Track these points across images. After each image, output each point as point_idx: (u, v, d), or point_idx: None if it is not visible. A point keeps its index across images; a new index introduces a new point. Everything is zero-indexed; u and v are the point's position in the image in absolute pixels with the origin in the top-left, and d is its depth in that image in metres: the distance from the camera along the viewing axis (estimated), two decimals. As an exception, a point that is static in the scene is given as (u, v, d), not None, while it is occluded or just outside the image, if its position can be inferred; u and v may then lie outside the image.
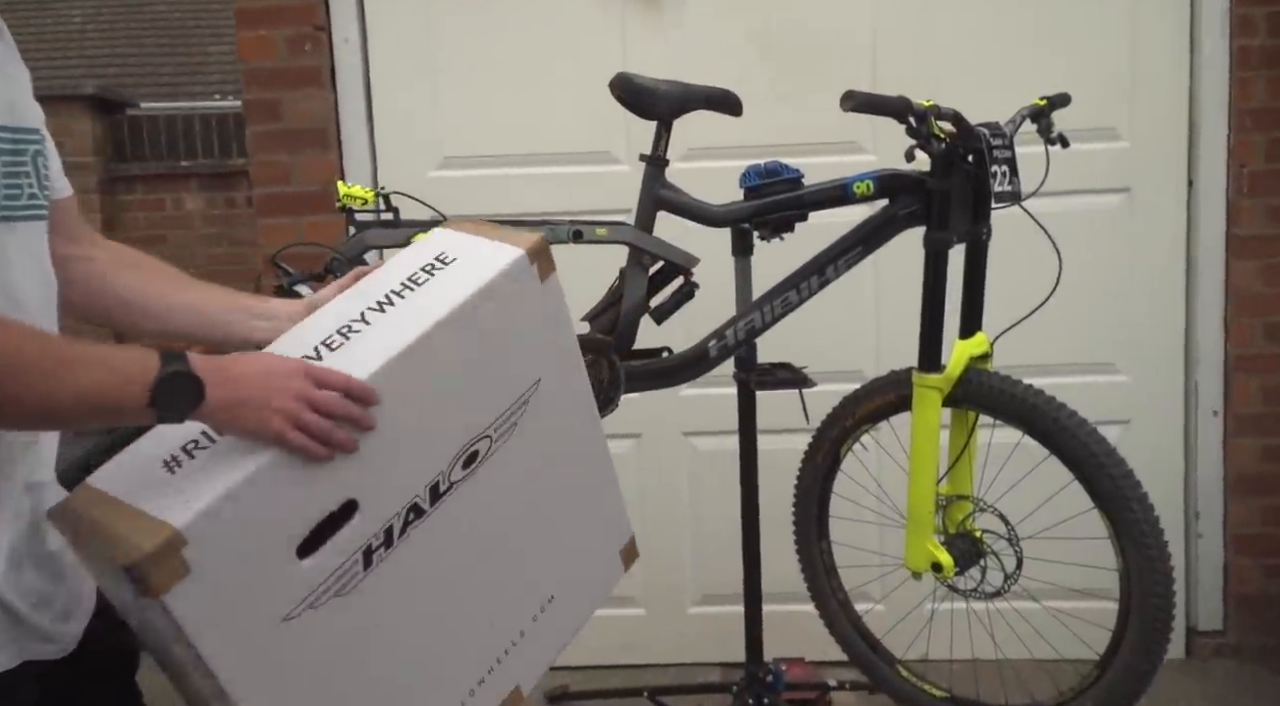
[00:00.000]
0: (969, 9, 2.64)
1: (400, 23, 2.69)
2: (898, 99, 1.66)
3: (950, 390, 1.79)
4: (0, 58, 1.02)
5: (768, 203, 1.79)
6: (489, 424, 1.11)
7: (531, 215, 2.65)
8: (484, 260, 1.12)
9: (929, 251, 1.76)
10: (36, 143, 1.05)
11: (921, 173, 1.76)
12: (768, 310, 1.82)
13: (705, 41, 2.67)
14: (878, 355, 2.76)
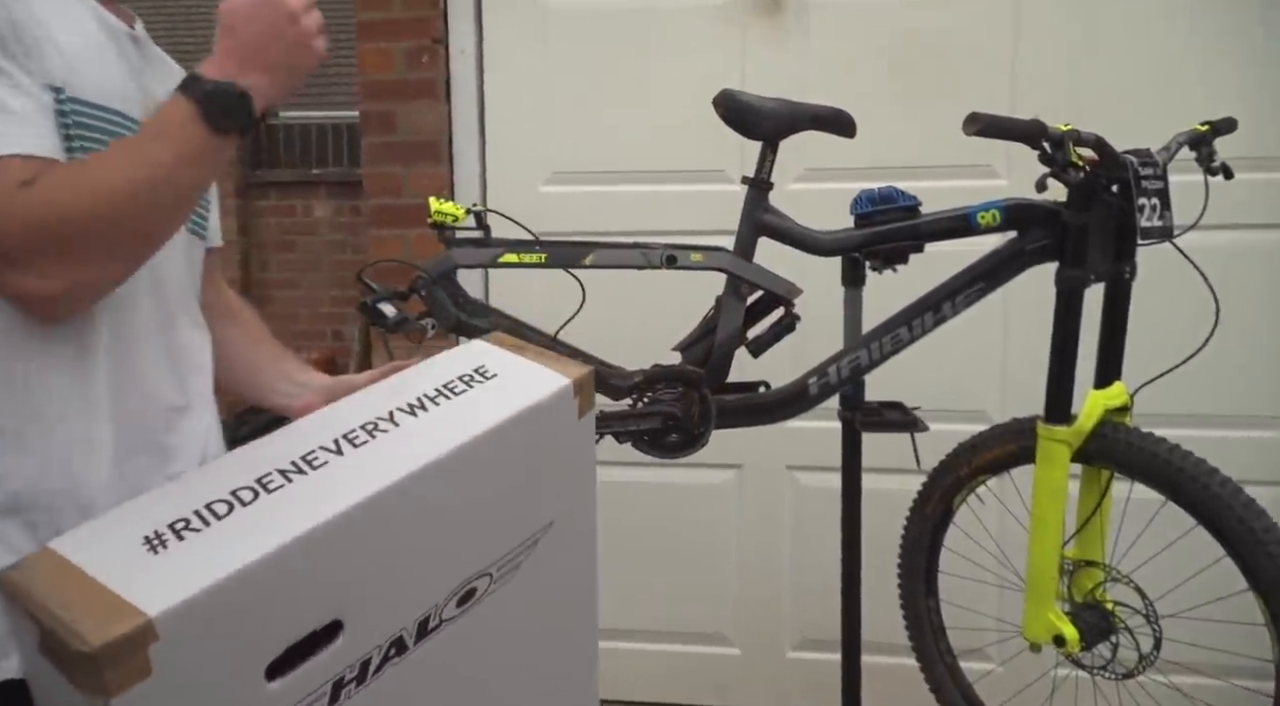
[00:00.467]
0: (1125, 24, 2.41)
1: (516, 35, 2.66)
2: (1030, 122, 1.49)
3: (1081, 445, 1.61)
4: (148, 73, 1.07)
5: (880, 232, 1.64)
6: (494, 561, 1.01)
7: (639, 233, 2.60)
8: (526, 384, 1.04)
9: (1061, 290, 1.58)
10: None
11: (1057, 203, 1.59)
12: (875, 348, 1.68)
13: (830, 55, 2.54)
14: (1004, 397, 2.56)
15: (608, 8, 2.62)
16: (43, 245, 0.86)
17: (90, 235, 0.87)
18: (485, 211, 1.73)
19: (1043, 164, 1.51)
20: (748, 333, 1.73)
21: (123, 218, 0.87)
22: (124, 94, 1.01)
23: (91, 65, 0.97)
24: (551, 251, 1.66)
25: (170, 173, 0.88)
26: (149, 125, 0.92)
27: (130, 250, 0.92)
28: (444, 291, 1.67)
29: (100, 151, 0.92)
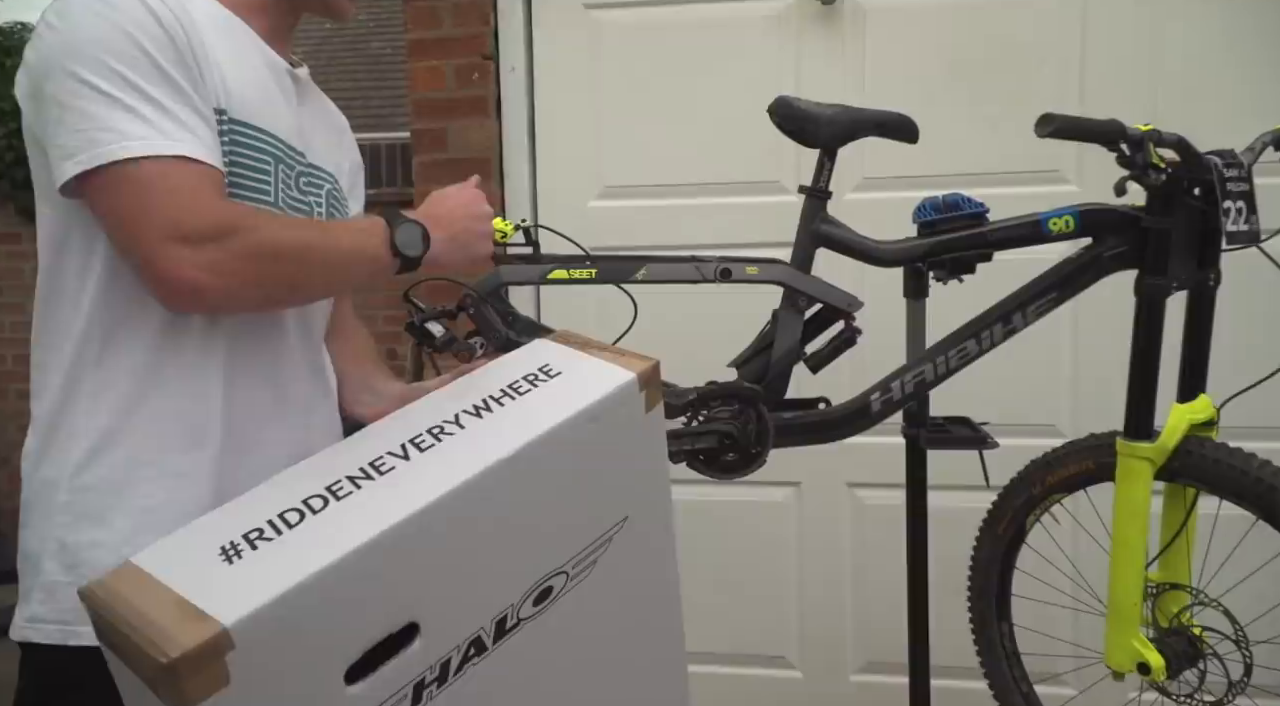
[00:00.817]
0: (1195, 21, 2.31)
1: (567, 51, 2.64)
2: (1108, 123, 1.42)
3: (1165, 462, 1.52)
4: (305, 109, 1.18)
5: (945, 240, 1.57)
6: (568, 559, 1.00)
7: (692, 247, 2.55)
8: (590, 379, 1.04)
9: (1142, 300, 1.50)
10: (333, 186, 1.20)
11: (1134, 208, 1.51)
12: (941, 362, 1.60)
13: (887, 61, 2.47)
14: (1075, 409, 2.45)
15: (658, 21, 2.59)
16: (226, 244, 0.94)
17: (262, 258, 0.97)
18: (535, 227, 1.70)
19: (1121, 166, 1.43)
20: (806, 347, 1.67)
21: (291, 264, 1.00)
22: (280, 121, 1.10)
23: (252, 91, 1.07)
24: (602, 266, 1.62)
25: (341, 258, 1.04)
26: (349, 222, 1.15)
27: (277, 292, 1.03)
28: (493, 309, 1.64)
29: (305, 220, 1.10)
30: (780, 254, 2.55)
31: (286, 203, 1.10)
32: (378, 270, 1.06)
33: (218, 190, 0.98)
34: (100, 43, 0.94)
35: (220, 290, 0.95)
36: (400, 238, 1.05)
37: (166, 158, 0.94)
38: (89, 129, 0.93)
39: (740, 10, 2.55)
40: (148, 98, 0.95)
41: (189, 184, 0.94)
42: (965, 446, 1.73)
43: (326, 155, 1.20)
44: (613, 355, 1.08)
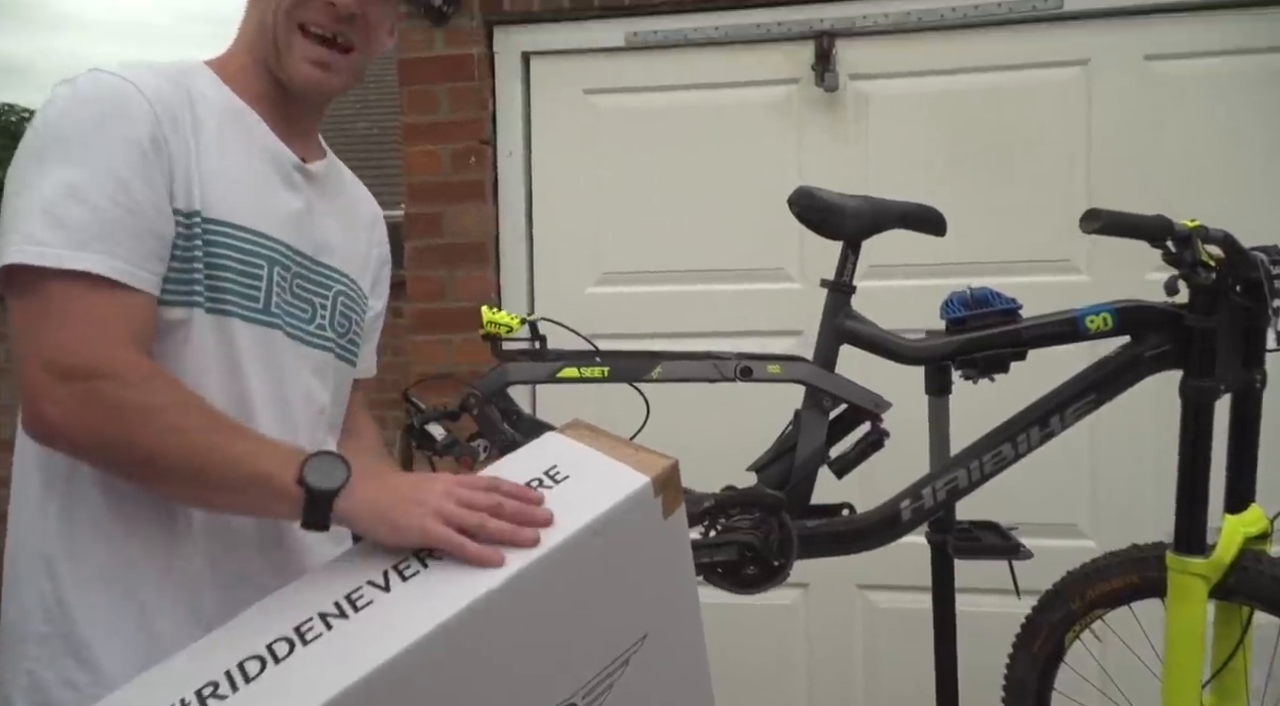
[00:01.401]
0: (1199, 110, 2.29)
1: (565, 135, 2.59)
2: (1154, 219, 1.35)
3: (1219, 579, 1.41)
4: (319, 205, 1.10)
5: (978, 338, 1.49)
6: (578, 689, 0.90)
7: (694, 334, 2.47)
8: (601, 485, 0.95)
9: (1189, 404, 1.42)
10: (345, 287, 1.12)
11: (1174, 306, 1.43)
12: (975, 467, 1.51)
13: (892, 147, 2.43)
14: (1094, 508, 2.36)
15: (658, 106, 2.55)
16: (86, 386, 0.88)
17: (110, 412, 0.88)
18: (540, 321, 1.60)
19: (1168, 264, 1.36)
20: (830, 450, 1.57)
21: (148, 435, 0.89)
22: (273, 217, 1.03)
23: (242, 191, 1.01)
24: (614, 364, 1.52)
25: (220, 459, 0.90)
26: (257, 440, 0.94)
27: (125, 458, 0.91)
28: (496, 408, 1.53)
29: (208, 407, 0.94)
30: (785, 342, 2.51)
31: (281, 307, 1.04)
32: (271, 494, 0.90)
33: (120, 322, 0.91)
34: (55, 133, 0.93)
35: (64, 433, 0.89)
36: (314, 466, 0.89)
37: (71, 274, 0.89)
38: (9, 230, 0.91)
39: (741, 96, 2.52)
40: (78, 198, 0.90)
41: (84, 312, 0.89)
42: (996, 556, 1.63)
43: (343, 253, 1.14)
44: (627, 452, 0.99)
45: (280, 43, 1.02)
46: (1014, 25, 2.34)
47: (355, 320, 1.16)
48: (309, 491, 0.88)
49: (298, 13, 1.02)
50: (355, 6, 1.03)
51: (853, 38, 2.42)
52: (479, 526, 0.87)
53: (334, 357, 1.13)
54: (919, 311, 2.05)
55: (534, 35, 2.58)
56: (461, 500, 0.89)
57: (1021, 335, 1.48)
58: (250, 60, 1.06)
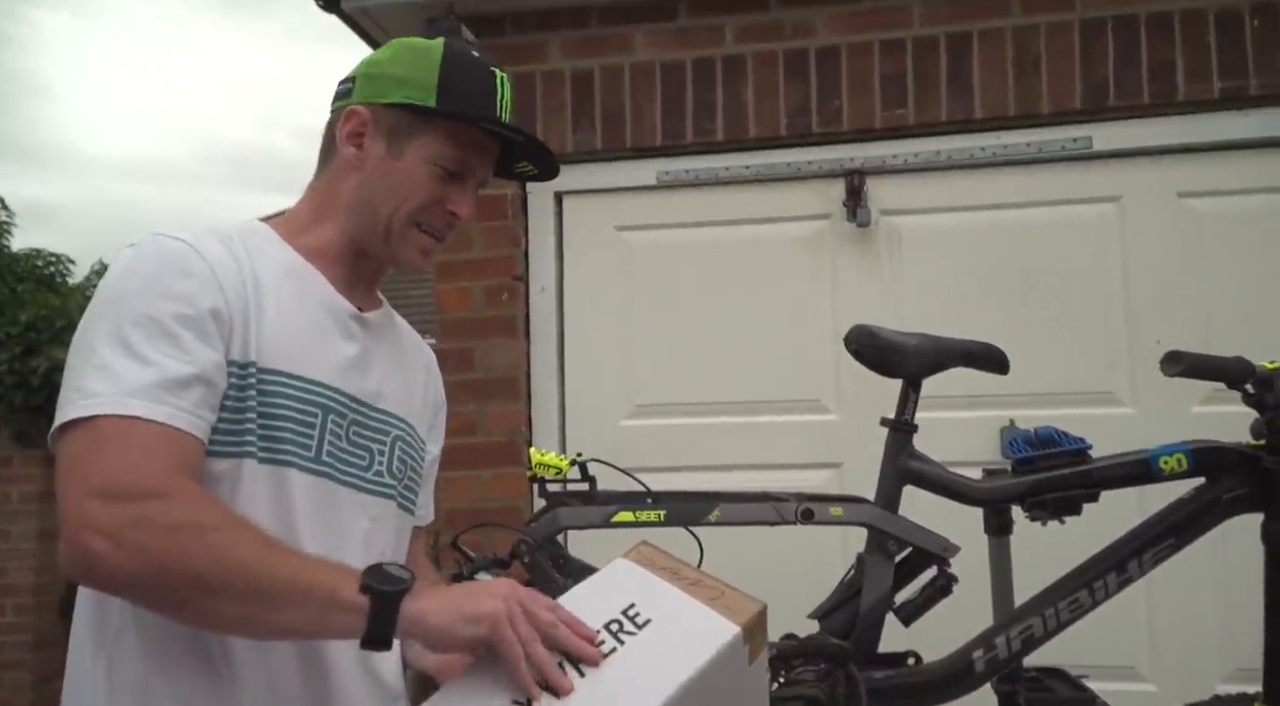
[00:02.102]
0: (1237, 243, 2.31)
1: (597, 271, 2.61)
2: (1234, 361, 1.33)
3: (1318, 737, 1.32)
4: (376, 352, 1.10)
5: (1049, 479, 1.45)
6: None
7: (729, 466, 2.43)
8: (687, 632, 0.88)
9: (1272, 548, 1.36)
10: (402, 432, 1.10)
11: (1250, 447, 1.39)
12: (1050, 616, 1.44)
13: (924, 281, 2.44)
14: (1152, 650, 2.26)
15: (690, 242, 2.58)
16: (132, 506, 0.85)
17: (160, 530, 0.85)
18: (590, 461, 1.56)
19: (1249, 406, 1.34)
20: (895, 596, 1.50)
21: (199, 550, 0.85)
22: (328, 366, 1.03)
23: (299, 341, 1.01)
24: (670, 508, 1.48)
25: (274, 579, 0.87)
26: (313, 558, 0.91)
27: (173, 583, 0.86)
28: (546, 554, 1.48)
29: (259, 528, 0.91)
30: (823, 474, 2.46)
31: (333, 454, 1.02)
32: (333, 605, 0.86)
33: (169, 454, 0.89)
34: (118, 294, 0.94)
35: (111, 561, 0.84)
36: (376, 572, 0.87)
37: (120, 417, 0.88)
38: (66, 390, 0.91)
39: (773, 231, 2.55)
40: (132, 353, 0.91)
41: (135, 443, 0.88)
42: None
43: (399, 399, 1.12)
44: (711, 592, 0.92)
45: (395, 232, 1.06)
46: (1045, 164, 2.39)
47: (413, 466, 1.14)
48: (374, 594, 0.85)
49: (419, 214, 1.06)
50: (473, 218, 1.10)
51: (883, 175, 2.46)
52: (532, 640, 0.85)
53: (395, 505, 1.10)
54: (959, 443, 2.03)
55: (567, 175, 2.58)
56: (525, 607, 0.87)
57: (1094, 476, 1.44)
58: (335, 233, 1.08)
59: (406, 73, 1.06)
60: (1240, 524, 1.45)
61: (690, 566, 0.97)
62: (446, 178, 1.06)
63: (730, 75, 2.51)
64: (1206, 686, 1.97)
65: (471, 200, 1.08)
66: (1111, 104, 2.31)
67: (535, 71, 2.60)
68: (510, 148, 1.10)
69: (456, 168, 1.06)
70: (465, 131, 1.05)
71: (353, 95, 1.08)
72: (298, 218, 1.10)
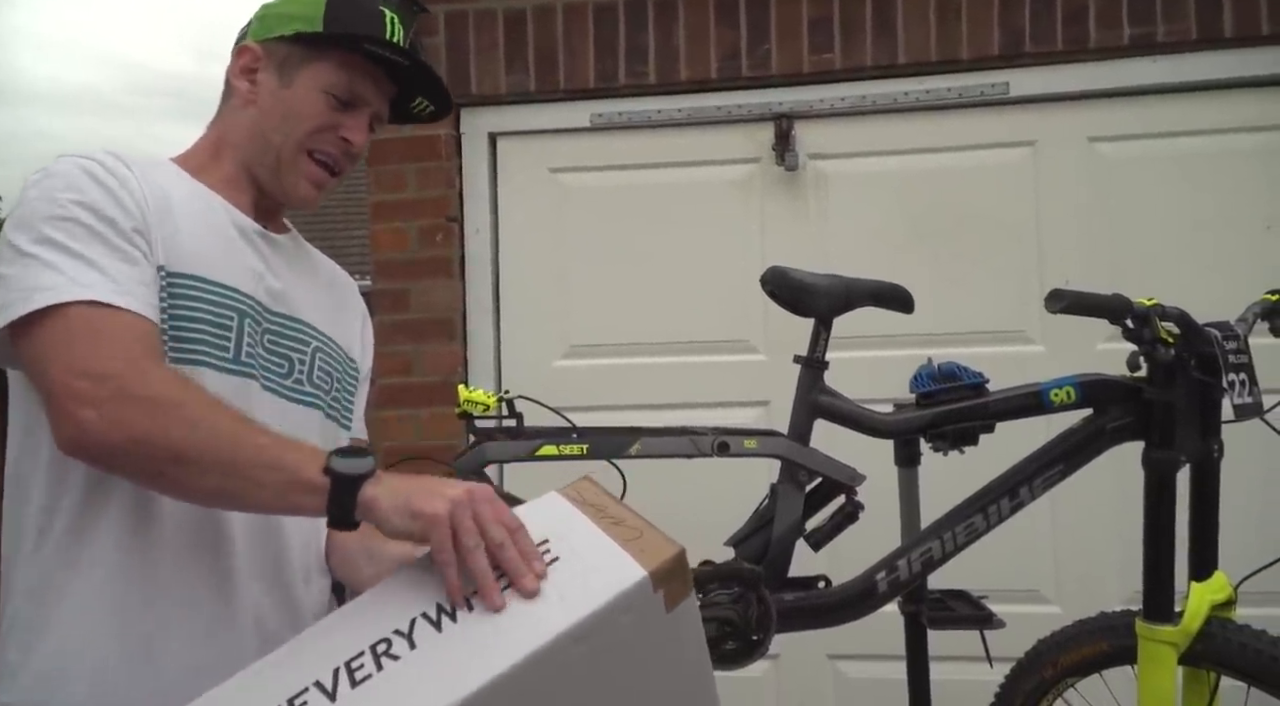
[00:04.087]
0: (1142, 190, 2.40)
1: (532, 212, 2.63)
2: (1113, 298, 1.41)
3: (1188, 645, 1.45)
4: (286, 270, 1.12)
5: (948, 411, 1.53)
6: None
7: (660, 406, 2.49)
8: (591, 576, 0.84)
9: (1152, 474, 1.46)
10: (322, 344, 1.14)
11: (1134, 379, 1.49)
12: (949, 538, 1.54)
13: (850, 227, 2.51)
14: (1057, 573, 2.40)
15: (623, 184, 2.61)
16: (117, 383, 0.90)
17: (143, 404, 0.91)
18: (517, 398, 1.61)
19: (1128, 340, 1.42)
20: (806, 523, 1.59)
21: (177, 425, 0.90)
22: (239, 273, 1.06)
23: (207, 247, 1.04)
24: (593, 441, 1.54)
25: (248, 451, 0.91)
26: (284, 438, 0.95)
27: (156, 455, 0.92)
28: (474, 486, 1.53)
29: (233, 407, 0.95)
30: (752, 412, 2.55)
31: (253, 357, 1.06)
32: (297, 483, 0.90)
33: (139, 339, 0.95)
34: (34, 210, 0.98)
35: (99, 432, 0.90)
36: (341, 455, 0.90)
37: (76, 304, 0.93)
38: (10, 291, 0.95)
39: (704, 174, 2.59)
40: (69, 252, 0.96)
41: (95, 327, 0.93)
42: (970, 626, 1.65)
43: (318, 314, 1.16)
44: (631, 533, 0.88)
45: (285, 161, 1.09)
46: (964, 109, 2.45)
47: (339, 379, 1.16)
48: (335, 477, 0.88)
49: (310, 140, 1.08)
50: (363, 145, 1.11)
51: (811, 119, 2.51)
52: (473, 549, 0.85)
53: (321, 415, 1.13)
54: (878, 382, 2.11)
55: (500, 117, 2.63)
56: (477, 515, 0.86)
57: (989, 408, 1.52)
58: (233, 166, 1.11)
59: (296, 8, 1.09)
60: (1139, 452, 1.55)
61: (622, 505, 0.94)
62: (337, 106, 1.08)
63: (662, 18, 2.52)
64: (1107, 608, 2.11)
65: (363, 127, 1.10)
66: (1028, 50, 2.37)
67: (468, 10, 2.59)
68: (408, 89, 1.13)
69: (346, 95, 1.08)
70: (354, 60, 1.08)
71: (248, 37, 1.11)
72: (196, 154, 1.13)
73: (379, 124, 1.14)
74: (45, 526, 0.99)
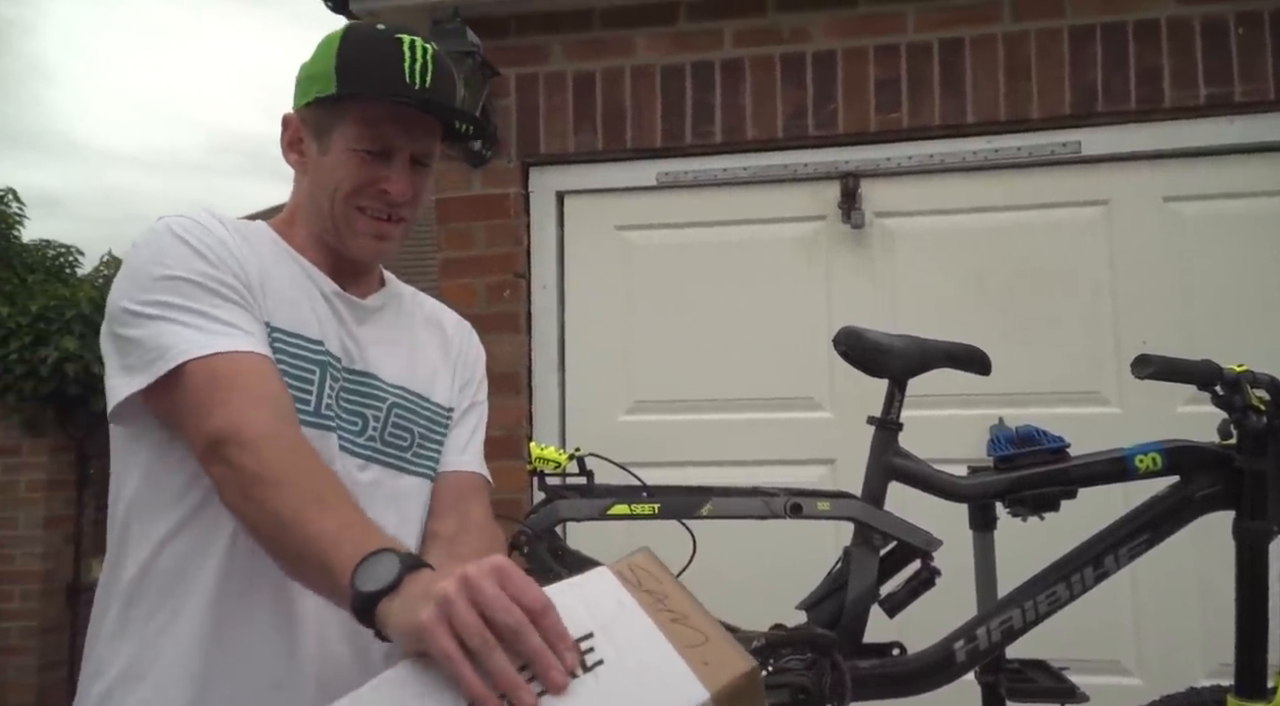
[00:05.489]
0: (1220, 248, 2.36)
1: (598, 269, 2.66)
2: (1202, 363, 1.39)
3: (1284, 726, 1.38)
4: (369, 333, 1.14)
5: (1028, 476, 1.50)
6: None
7: (725, 462, 2.48)
8: (643, 689, 0.71)
9: (1244, 546, 1.42)
10: (400, 400, 1.14)
11: (1223, 446, 1.45)
12: (1030, 608, 1.49)
13: (917, 282, 2.49)
14: (1138, 644, 2.32)
15: (688, 241, 2.63)
16: (238, 476, 0.93)
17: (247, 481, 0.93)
18: (588, 456, 1.61)
19: (1218, 407, 1.39)
20: (880, 588, 1.56)
21: (263, 503, 0.92)
22: (317, 328, 1.09)
23: (289, 303, 1.07)
24: (664, 501, 1.53)
25: (303, 539, 0.89)
26: (345, 522, 0.90)
27: (260, 522, 0.94)
28: (545, 545, 1.53)
29: (318, 477, 0.95)
30: (817, 470, 2.52)
31: (333, 410, 1.07)
32: (332, 587, 0.85)
33: (262, 387, 0.98)
34: (145, 273, 1.02)
35: (223, 493, 0.95)
36: (368, 563, 0.81)
37: (203, 359, 0.97)
38: (140, 351, 1.00)
39: (769, 232, 2.60)
40: (188, 310, 1.00)
41: (227, 380, 0.97)
42: (1052, 700, 1.59)
43: (397, 370, 1.15)
44: (694, 636, 0.74)
45: (339, 222, 1.09)
46: (1035, 167, 2.44)
47: (420, 430, 1.15)
48: (355, 594, 0.81)
49: (355, 199, 1.08)
50: (409, 195, 1.09)
51: (877, 177, 2.52)
52: (479, 650, 0.72)
53: (392, 471, 1.12)
54: (949, 442, 2.08)
55: (568, 175, 2.68)
56: (481, 602, 0.73)
57: (1072, 474, 1.49)
58: (306, 232, 1.13)
59: (313, 68, 1.10)
60: (1224, 521, 1.50)
61: (686, 592, 0.79)
62: (371, 160, 1.07)
63: (728, 78, 2.56)
64: (1190, 681, 2.03)
65: (402, 176, 1.07)
66: (1100, 109, 2.36)
67: (539, 73, 2.65)
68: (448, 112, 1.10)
69: (374, 146, 1.06)
70: (371, 108, 1.05)
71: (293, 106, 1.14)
72: (283, 219, 1.16)
73: (429, 160, 1.12)
74: (142, 577, 1.02)
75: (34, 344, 4.54)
